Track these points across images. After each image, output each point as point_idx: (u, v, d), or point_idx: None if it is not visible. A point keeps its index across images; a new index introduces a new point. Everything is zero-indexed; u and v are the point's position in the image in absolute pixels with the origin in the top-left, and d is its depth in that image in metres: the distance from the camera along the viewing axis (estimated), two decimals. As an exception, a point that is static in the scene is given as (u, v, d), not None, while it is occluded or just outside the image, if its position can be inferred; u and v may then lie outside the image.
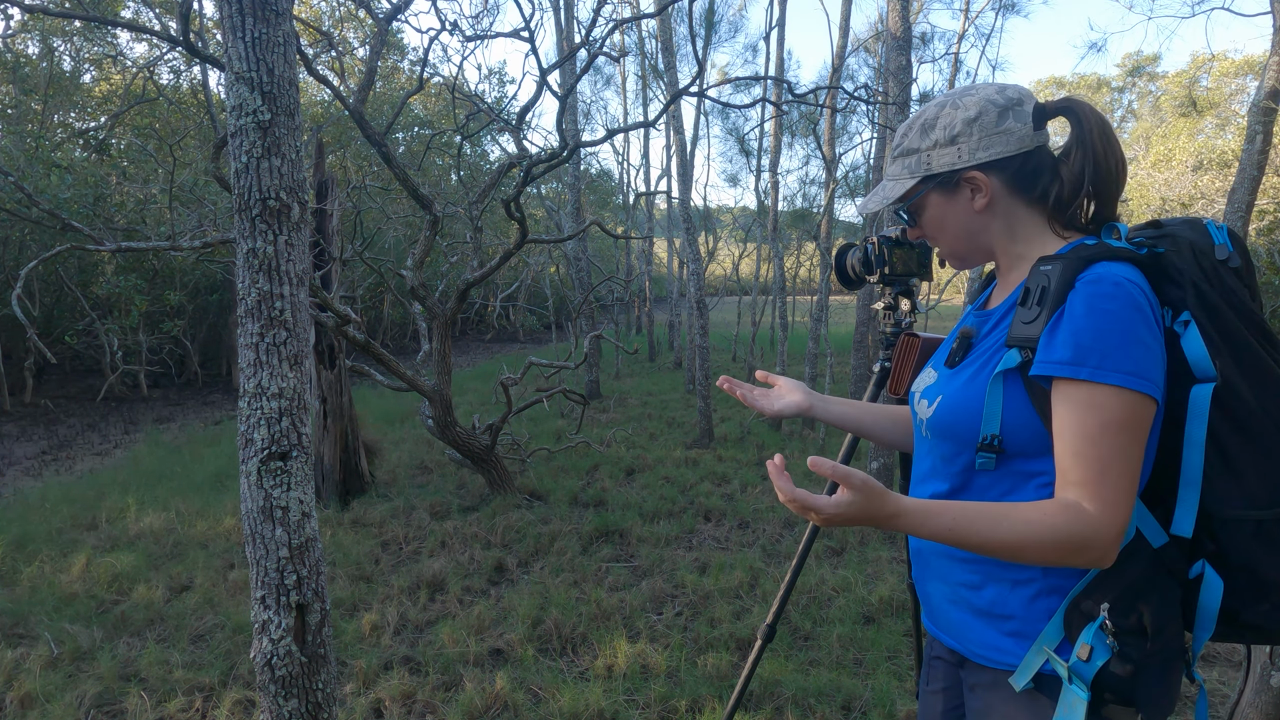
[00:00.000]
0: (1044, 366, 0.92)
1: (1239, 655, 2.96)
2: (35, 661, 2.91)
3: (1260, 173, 2.71)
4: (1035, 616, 0.98)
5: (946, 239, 1.11)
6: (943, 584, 1.09)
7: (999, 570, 1.00)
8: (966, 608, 1.05)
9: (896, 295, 1.77)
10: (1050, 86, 25.98)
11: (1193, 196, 12.32)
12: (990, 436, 0.98)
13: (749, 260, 19.35)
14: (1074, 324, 0.90)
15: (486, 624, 3.25)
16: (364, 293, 12.57)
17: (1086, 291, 0.90)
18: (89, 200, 8.31)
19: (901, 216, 1.14)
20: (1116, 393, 0.87)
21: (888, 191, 1.11)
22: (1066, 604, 0.96)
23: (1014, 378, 0.97)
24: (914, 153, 1.08)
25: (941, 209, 1.09)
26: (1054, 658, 0.95)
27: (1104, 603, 0.93)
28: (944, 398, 1.05)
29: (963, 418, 1.01)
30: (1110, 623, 0.92)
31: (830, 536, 4.36)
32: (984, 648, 1.03)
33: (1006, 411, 0.97)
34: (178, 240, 3.82)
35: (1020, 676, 0.98)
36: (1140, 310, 0.89)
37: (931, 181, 1.07)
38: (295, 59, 1.62)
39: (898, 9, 4.56)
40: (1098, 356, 0.88)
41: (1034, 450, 0.97)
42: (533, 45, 4.31)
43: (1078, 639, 0.94)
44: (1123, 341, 0.88)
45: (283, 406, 1.60)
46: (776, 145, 10.52)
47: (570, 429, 7.40)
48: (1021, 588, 0.99)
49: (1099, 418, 0.88)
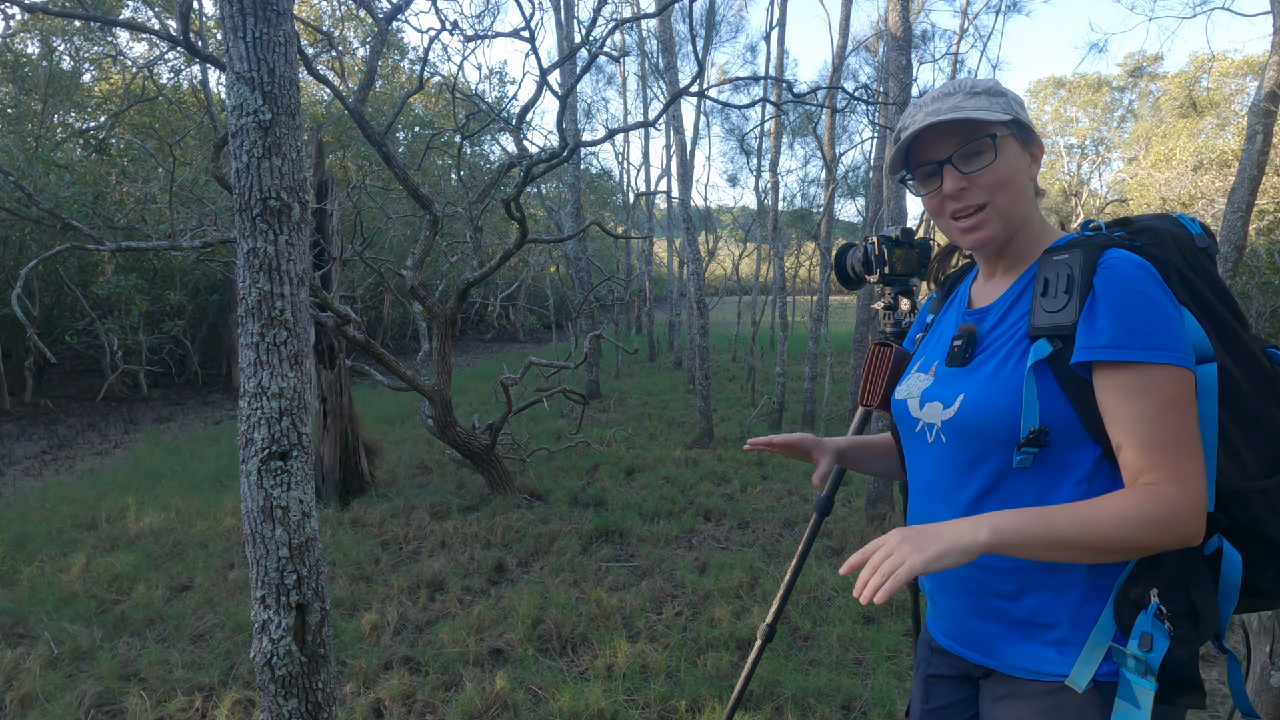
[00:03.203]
0: (1089, 352, 0.90)
1: (1239, 655, 2.95)
2: (35, 661, 2.91)
3: (1260, 173, 2.71)
4: (1083, 621, 0.95)
5: (1007, 194, 1.01)
6: (970, 598, 1.04)
7: (1039, 577, 0.97)
8: (1001, 620, 1.01)
9: (896, 295, 1.78)
10: (1050, 86, 25.95)
11: (1193, 196, 12.32)
12: (1034, 431, 0.94)
13: (749, 260, 19.36)
14: (1114, 307, 0.89)
15: (486, 624, 3.25)
16: (364, 293, 12.57)
17: (1116, 275, 0.90)
18: (89, 200, 8.31)
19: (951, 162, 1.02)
20: (1167, 370, 0.87)
21: (970, 111, 0.99)
22: (1115, 597, 0.94)
23: (1044, 369, 0.95)
24: (1000, 95, 1.02)
25: (1015, 160, 1.02)
26: (1119, 649, 0.92)
27: (1153, 589, 0.91)
28: (966, 395, 1.01)
29: (996, 414, 0.97)
30: (1164, 608, 0.90)
31: (830, 536, 4.36)
32: (1024, 658, 0.99)
33: (1043, 403, 0.95)
34: (178, 240, 3.82)
35: (1080, 678, 0.94)
36: (1165, 289, 0.91)
37: (1018, 126, 1.02)
38: (296, 59, 1.62)
39: (898, 9, 4.56)
40: (1144, 338, 0.87)
41: (1071, 441, 0.95)
42: (533, 45, 4.31)
43: (1132, 630, 0.91)
44: (1163, 319, 0.88)
45: (283, 406, 1.60)
46: (776, 145, 10.52)
47: (570, 429, 7.40)
48: (1065, 592, 0.96)
49: (1157, 398, 0.87)
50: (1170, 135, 15.57)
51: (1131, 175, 16.17)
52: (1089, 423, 0.93)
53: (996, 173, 1.01)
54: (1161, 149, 14.20)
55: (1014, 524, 0.88)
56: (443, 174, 12.99)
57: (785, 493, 5.38)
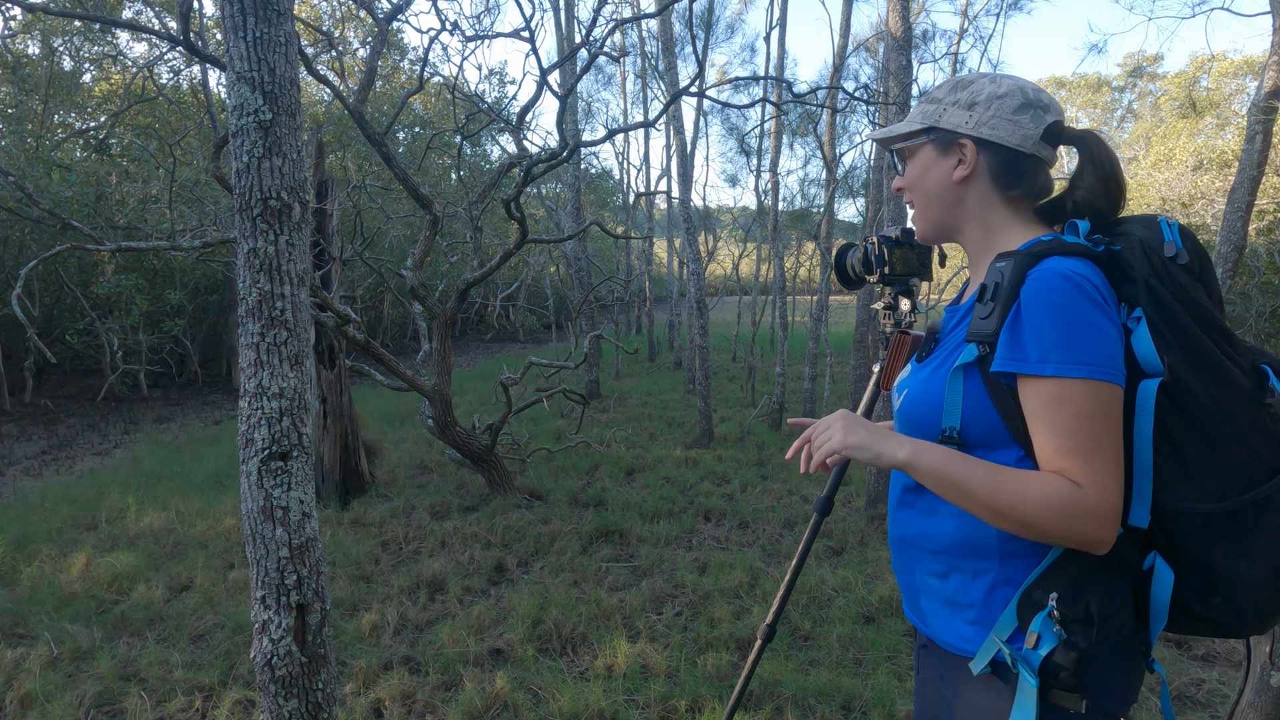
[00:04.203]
0: (1006, 363, 0.94)
1: (1239, 655, 2.96)
2: (35, 661, 2.91)
3: (1260, 173, 2.71)
4: (993, 606, 1.00)
5: (920, 197, 1.13)
6: (914, 574, 1.13)
7: (960, 561, 1.04)
8: (935, 596, 1.09)
9: (896, 295, 1.77)
10: (1051, 86, 25.95)
11: (1193, 196, 12.32)
12: (949, 429, 1.00)
13: (749, 260, 19.36)
14: (1034, 319, 0.91)
15: (486, 624, 3.25)
16: (364, 293, 12.57)
17: (1038, 287, 0.92)
18: (90, 200, 8.30)
19: (892, 156, 1.18)
20: (1082, 384, 0.89)
21: (895, 127, 1.14)
22: (1019, 594, 0.98)
23: (973, 372, 0.99)
24: (935, 102, 1.10)
25: (928, 163, 1.11)
26: (1003, 646, 0.97)
27: (1053, 592, 0.95)
28: (909, 391, 1.10)
29: (925, 410, 1.04)
30: (1058, 611, 0.94)
31: (830, 536, 4.37)
32: (950, 634, 1.06)
33: (966, 405, 1.00)
34: (178, 240, 3.82)
35: (977, 662, 1.00)
36: (1091, 299, 0.91)
37: (934, 133, 1.10)
38: (296, 59, 1.62)
39: (898, 9, 4.56)
40: (1060, 351, 0.90)
41: (992, 443, 0.99)
42: (533, 45, 4.31)
43: (1028, 627, 0.96)
44: (1081, 332, 0.90)
45: (283, 406, 1.60)
46: (776, 145, 10.52)
47: (570, 429, 7.40)
48: (980, 578, 1.02)
49: (1071, 410, 0.90)
50: (1170, 135, 15.57)
51: (1131, 175, 16.16)
52: (1011, 425, 0.96)
53: (907, 178, 1.14)
54: (1161, 149, 14.20)
55: (934, 456, 0.97)
56: (443, 174, 12.99)
57: (785, 493, 5.38)
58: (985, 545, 1.01)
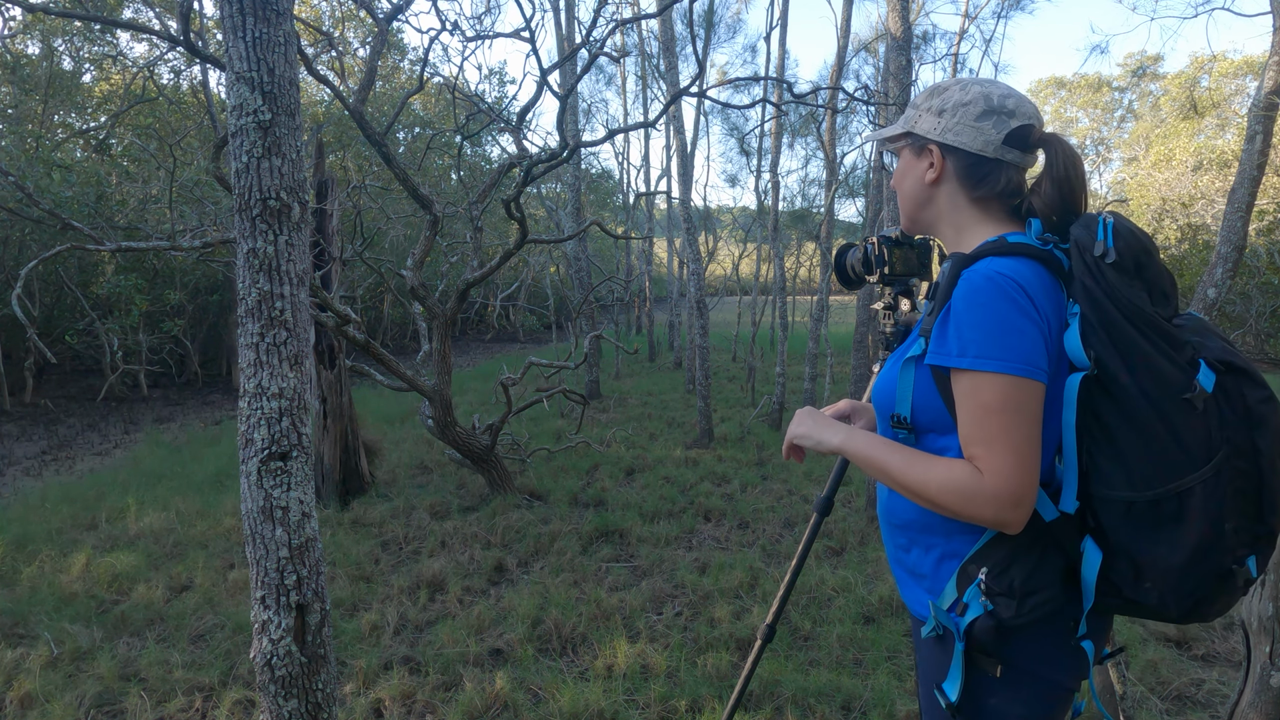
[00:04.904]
0: (933, 356, 1.04)
1: (1239, 655, 2.96)
2: (35, 661, 2.91)
3: (1260, 173, 2.71)
4: (940, 577, 1.11)
5: (900, 196, 1.24)
6: (890, 549, 1.25)
7: (917, 535, 1.14)
8: (902, 567, 1.20)
9: (896, 295, 1.77)
10: (1051, 86, 25.95)
11: (1193, 196, 12.32)
12: (900, 416, 1.11)
13: (749, 260, 19.38)
14: (958, 317, 1.00)
15: (486, 624, 3.25)
16: (364, 293, 12.57)
17: (965, 287, 1.00)
18: (90, 200, 8.30)
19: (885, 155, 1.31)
20: (993, 378, 0.97)
21: (884, 130, 1.25)
22: (959, 567, 1.08)
23: (923, 363, 1.08)
24: (915, 108, 1.19)
25: (906, 166, 1.21)
26: (939, 611, 1.09)
27: (984, 567, 1.05)
28: (877, 379, 1.22)
29: (884, 398, 1.15)
30: (985, 584, 1.04)
31: (830, 536, 4.37)
32: (913, 602, 1.18)
33: (915, 393, 1.09)
34: (178, 240, 3.82)
35: (925, 627, 1.12)
36: (1013, 300, 0.97)
37: (910, 138, 1.19)
38: (296, 59, 1.62)
39: (897, 10, 4.56)
40: (976, 346, 0.98)
41: (940, 428, 1.08)
42: (533, 45, 4.31)
43: (963, 597, 1.06)
44: (999, 331, 0.97)
45: (283, 406, 1.60)
46: (777, 145, 10.51)
47: (570, 429, 7.40)
48: (931, 551, 1.13)
49: (981, 400, 0.98)
50: (1170, 135, 15.58)
51: (1131, 175, 16.17)
52: (953, 413, 1.04)
53: (895, 176, 1.25)
54: (1161, 149, 14.20)
55: (861, 443, 1.12)
56: (443, 174, 12.98)
57: (785, 493, 5.38)
58: (933, 522, 1.11)
